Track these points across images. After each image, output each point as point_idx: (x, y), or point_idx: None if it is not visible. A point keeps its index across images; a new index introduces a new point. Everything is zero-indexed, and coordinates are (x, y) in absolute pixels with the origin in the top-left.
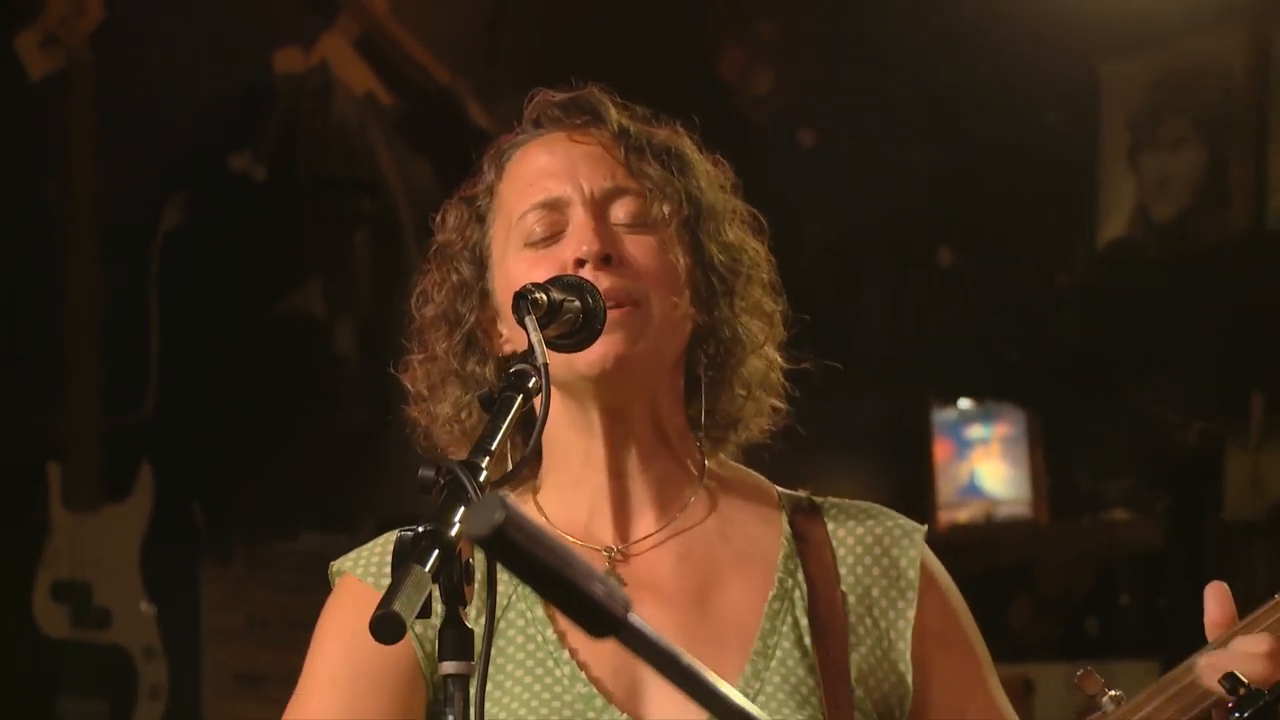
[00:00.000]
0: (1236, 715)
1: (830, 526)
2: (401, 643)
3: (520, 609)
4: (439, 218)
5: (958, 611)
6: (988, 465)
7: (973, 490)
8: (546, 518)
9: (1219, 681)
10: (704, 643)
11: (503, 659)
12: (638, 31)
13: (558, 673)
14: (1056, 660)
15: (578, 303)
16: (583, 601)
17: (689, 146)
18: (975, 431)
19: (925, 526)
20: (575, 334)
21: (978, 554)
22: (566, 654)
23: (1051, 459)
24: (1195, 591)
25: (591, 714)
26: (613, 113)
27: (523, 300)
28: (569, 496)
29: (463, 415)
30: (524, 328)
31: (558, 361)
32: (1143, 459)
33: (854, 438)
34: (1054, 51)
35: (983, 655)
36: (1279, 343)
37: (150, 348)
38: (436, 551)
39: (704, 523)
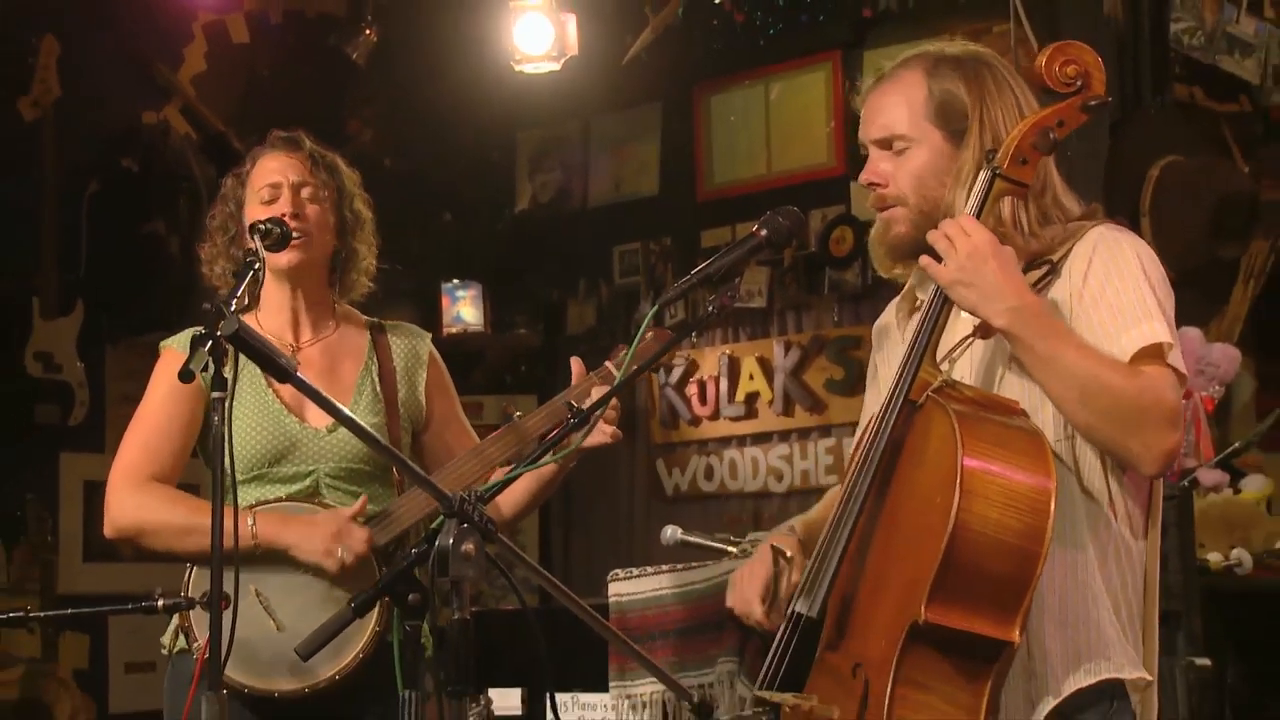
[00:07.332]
0: (573, 421)
1: (389, 335)
2: (193, 385)
3: (248, 372)
4: (224, 181)
5: (444, 374)
6: (465, 309)
7: (459, 319)
8: (261, 328)
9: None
10: (331, 391)
11: (239, 393)
12: (313, 107)
13: (266, 398)
14: (496, 395)
15: (279, 230)
16: (276, 364)
17: (342, 162)
18: (460, 294)
19: (431, 334)
20: (276, 244)
21: (460, 347)
22: (271, 392)
23: (496, 305)
24: (567, 369)
25: (280, 417)
26: (306, 143)
27: (254, 226)
28: (271, 319)
29: (228, 276)
30: (253, 239)
31: (270, 256)
32: (532, 306)
33: (409, 299)
34: (498, 123)
35: (454, 395)
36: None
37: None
38: (210, 341)
39: (333, 335)
